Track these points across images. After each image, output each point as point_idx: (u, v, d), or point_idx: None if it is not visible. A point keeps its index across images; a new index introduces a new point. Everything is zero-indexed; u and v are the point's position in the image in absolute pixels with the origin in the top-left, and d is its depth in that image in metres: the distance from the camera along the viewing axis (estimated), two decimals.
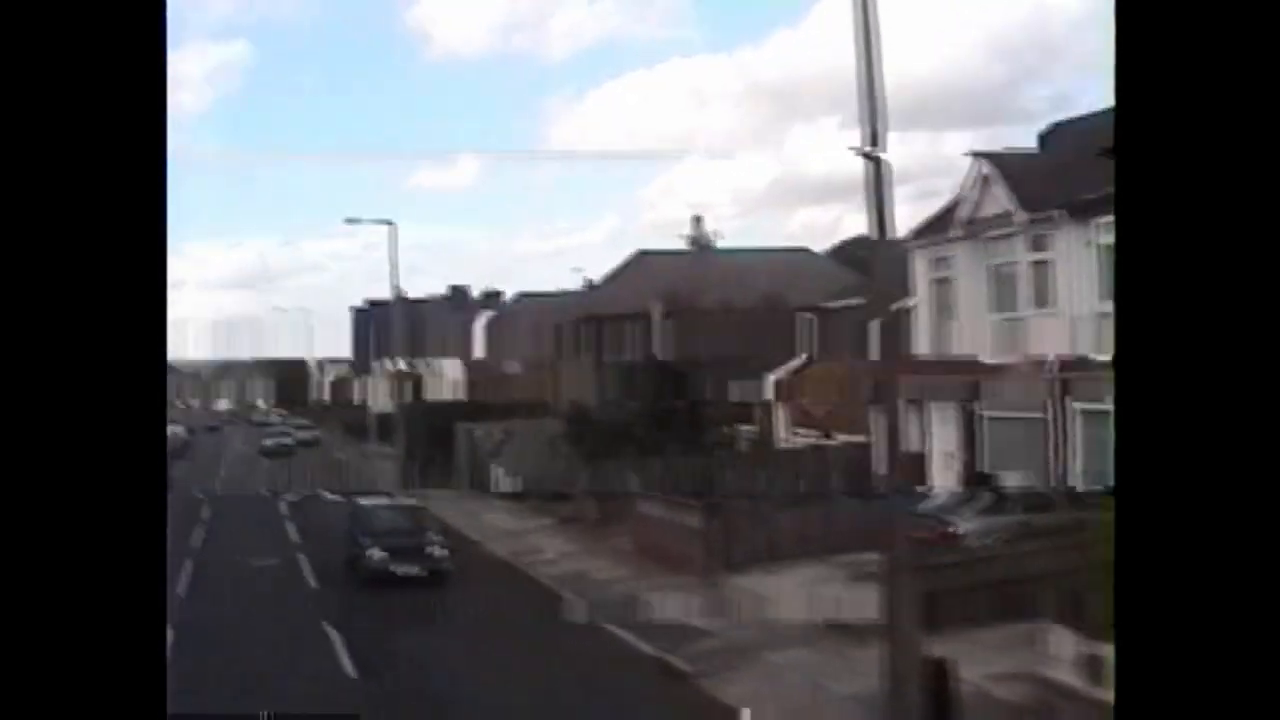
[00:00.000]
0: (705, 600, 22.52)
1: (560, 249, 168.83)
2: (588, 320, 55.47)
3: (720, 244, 64.51)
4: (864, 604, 19.49)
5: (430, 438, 51.75)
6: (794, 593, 22.15)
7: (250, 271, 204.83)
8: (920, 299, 31.89)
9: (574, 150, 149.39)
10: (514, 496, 39.56)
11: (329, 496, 43.24)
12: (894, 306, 36.38)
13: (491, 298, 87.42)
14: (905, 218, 39.13)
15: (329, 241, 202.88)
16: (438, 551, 26.86)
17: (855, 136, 14.25)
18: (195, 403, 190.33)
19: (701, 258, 59.10)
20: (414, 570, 26.10)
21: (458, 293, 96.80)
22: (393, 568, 26.06)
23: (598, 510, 32.82)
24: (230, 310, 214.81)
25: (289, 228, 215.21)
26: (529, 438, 42.73)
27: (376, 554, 26.20)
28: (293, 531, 35.92)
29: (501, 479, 41.58)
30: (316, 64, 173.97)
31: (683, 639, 19.52)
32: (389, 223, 48.01)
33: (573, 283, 69.92)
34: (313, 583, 27.62)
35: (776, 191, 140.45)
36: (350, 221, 48.39)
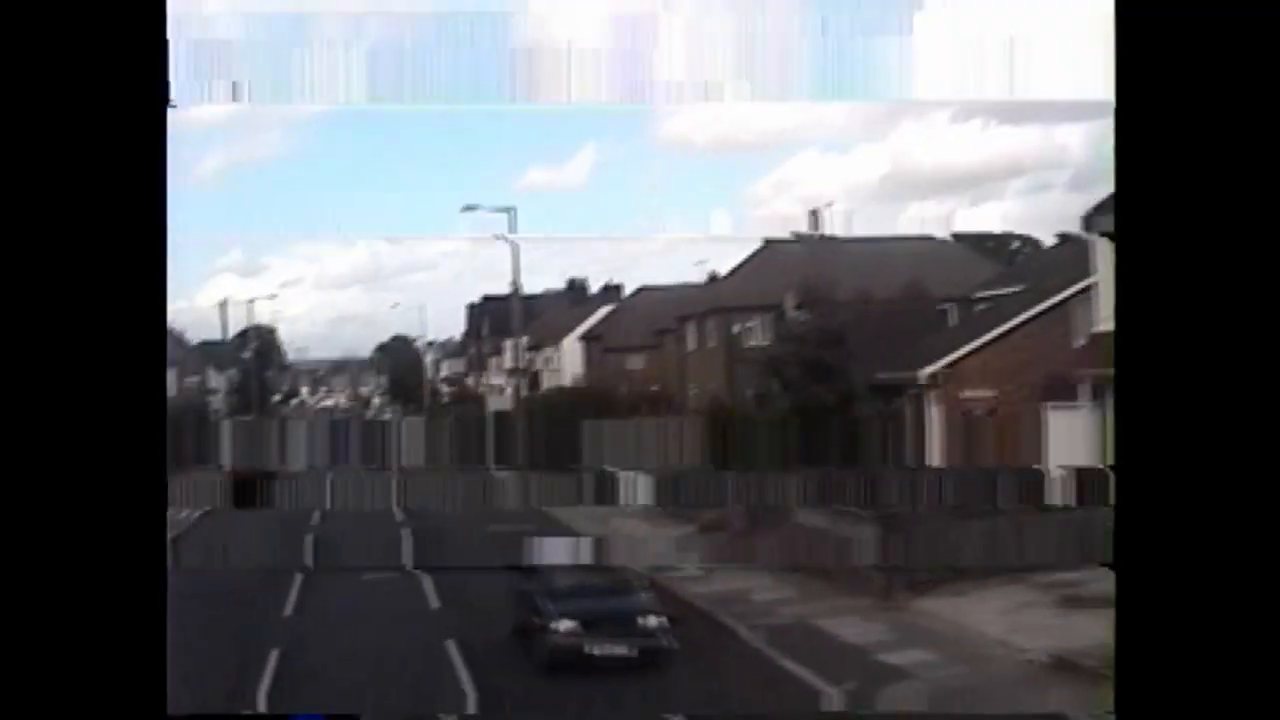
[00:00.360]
0: (892, 629, 19.82)
1: (672, 245, 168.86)
2: (716, 312, 52.92)
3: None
4: (1085, 636, 16.79)
5: (552, 436, 49.63)
6: (996, 621, 19.33)
7: (364, 269, 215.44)
8: (1104, 282, 28.74)
9: (684, 146, 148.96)
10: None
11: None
12: (1066, 293, 33.60)
13: (611, 291, 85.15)
14: (1018, 211, 35.98)
15: (441, 240, 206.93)
16: (653, 621, 18.85)
17: (966, 130, 11.48)
18: (310, 400, 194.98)
19: (831, 246, 56.12)
20: (620, 650, 18.29)
21: (575, 287, 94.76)
22: (590, 647, 18.39)
23: (744, 518, 30.20)
24: (345, 308, 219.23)
25: (402, 226, 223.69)
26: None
27: (565, 625, 18.50)
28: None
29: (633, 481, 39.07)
30: (431, 65, 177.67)
31: (877, 680, 16.79)
32: (509, 210, 45.30)
33: (693, 276, 67.55)
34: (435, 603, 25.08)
35: (888, 185, 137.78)
36: (468, 209, 45.77)
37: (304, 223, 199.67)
